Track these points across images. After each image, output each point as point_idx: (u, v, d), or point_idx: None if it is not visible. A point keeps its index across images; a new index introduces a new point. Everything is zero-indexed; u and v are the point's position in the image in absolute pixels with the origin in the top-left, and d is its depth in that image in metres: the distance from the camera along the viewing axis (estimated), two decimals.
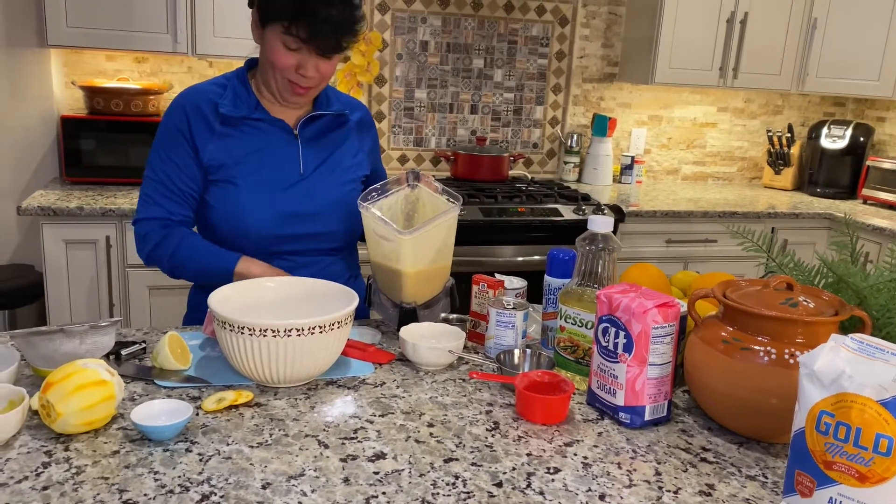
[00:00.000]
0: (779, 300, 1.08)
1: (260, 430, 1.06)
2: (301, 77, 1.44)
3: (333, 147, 1.59)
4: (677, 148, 3.83)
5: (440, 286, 1.47)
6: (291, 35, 1.39)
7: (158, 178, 1.49)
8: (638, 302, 1.09)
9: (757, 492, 0.97)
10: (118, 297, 2.62)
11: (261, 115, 1.51)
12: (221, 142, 1.49)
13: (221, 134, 1.49)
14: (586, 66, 3.58)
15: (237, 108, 1.50)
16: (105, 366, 1.06)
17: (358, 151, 1.63)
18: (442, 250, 1.42)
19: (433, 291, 1.45)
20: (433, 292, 1.46)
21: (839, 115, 3.99)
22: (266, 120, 1.52)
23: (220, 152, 1.49)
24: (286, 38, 1.40)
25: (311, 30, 1.38)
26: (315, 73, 1.44)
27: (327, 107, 1.58)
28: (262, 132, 1.52)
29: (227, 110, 1.48)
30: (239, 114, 1.49)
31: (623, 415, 1.12)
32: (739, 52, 3.33)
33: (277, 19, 1.39)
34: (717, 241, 3.19)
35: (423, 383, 1.25)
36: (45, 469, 0.94)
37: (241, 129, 1.51)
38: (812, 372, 0.86)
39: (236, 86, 1.52)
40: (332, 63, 1.46)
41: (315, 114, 1.55)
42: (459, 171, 3.31)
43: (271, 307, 1.33)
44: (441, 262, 1.44)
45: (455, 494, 0.92)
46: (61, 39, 2.61)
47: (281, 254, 1.53)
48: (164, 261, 1.49)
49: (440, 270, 1.45)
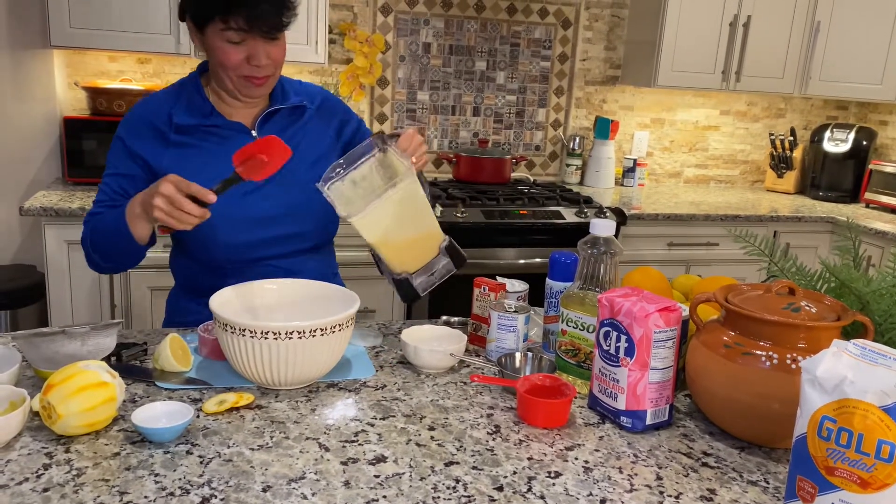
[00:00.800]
0: (781, 305, 1.08)
1: (261, 432, 1.06)
2: (255, 68, 1.40)
3: (296, 142, 1.52)
4: (679, 151, 3.83)
5: (430, 251, 1.36)
6: (232, 29, 1.35)
7: (108, 190, 1.47)
8: (640, 306, 1.09)
9: (758, 497, 0.97)
10: (119, 299, 2.62)
11: (216, 120, 1.48)
12: (178, 151, 1.46)
13: (178, 143, 1.46)
14: (589, 68, 3.58)
15: (191, 115, 1.46)
16: (106, 367, 1.06)
17: (322, 140, 1.58)
18: (414, 218, 1.32)
19: (423, 258, 1.36)
20: (423, 259, 1.36)
21: (842, 118, 3.99)
22: (222, 125, 1.48)
23: (177, 162, 1.45)
24: (227, 33, 1.36)
25: (249, 15, 1.34)
26: (267, 59, 1.40)
27: (283, 100, 1.53)
28: (219, 138, 1.48)
29: (181, 119, 1.45)
30: (194, 121, 1.46)
31: (624, 419, 1.12)
32: (742, 55, 3.33)
33: (213, 18, 1.36)
34: (718, 244, 3.18)
35: (425, 386, 1.25)
36: (46, 471, 0.94)
37: (197, 136, 1.47)
38: (814, 377, 0.86)
39: (189, 92, 1.49)
40: (281, 45, 1.43)
41: (271, 109, 1.51)
42: (461, 173, 3.31)
43: (272, 309, 1.33)
44: (418, 230, 1.34)
45: (456, 498, 0.92)
46: (64, 40, 2.61)
47: (257, 260, 1.49)
48: (91, 255, 1.45)
49: (421, 239, 1.35)
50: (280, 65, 1.46)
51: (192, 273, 1.57)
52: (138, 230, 1.34)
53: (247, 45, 1.38)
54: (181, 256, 1.58)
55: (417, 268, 1.36)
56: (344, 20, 3.22)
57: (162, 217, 1.24)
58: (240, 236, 1.47)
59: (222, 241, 1.46)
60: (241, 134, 1.50)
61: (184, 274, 1.60)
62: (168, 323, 1.61)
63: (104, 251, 1.43)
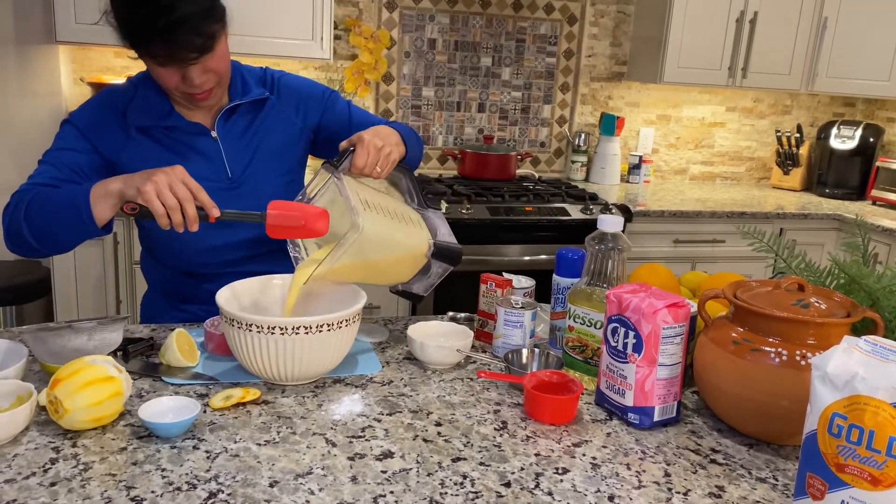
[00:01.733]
0: (790, 301, 1.07)
1: (267, 427, 1.06)
2: (193, 86, 1.31)
3: (260, 137, 1.46)
4: (685, 148, 3.81)
5: (416, 263, 1.32)
6: (155, 58, 1.26)
7: (56, 163, 1.35)
8: (648, 302, 1.08)
9: (767, 494, 0.96)
10: (125, 294, 2.62)
11: (174, 121, 1.39)
12: (138, 148, 1.39)
13: (136, 141, 1.39)
14: (594, 64, 3.57)
15: (147, 115, 1.38)
16: (113, 362, 1.06)
17: (288, 129, 1.50)
18: (384, 249, 1.25)
19: (411, 269, 1.33)
20: (412, 269, 1.33)
21: (849, 115, 3.97)
22: (180, 127, 1.40)
23: (137, 160, 1.37)
24: (155, 60, 1.27)
25: (165, 48, 1.23)
26: (203, 75, 1.31)
27: (244, 94, 1.44)
28: (178, 140, 1.41)
29: (136, 120, 1.38)
30: (150, 122, 1.38)
31: (632, 415, 1.12)
32: (749, 51, 3.32)
33: (135, 48, 1.27)
34: (724, 241, 3.17)
35: (431, 382, 1.25)
36: (53, 465, 0.94)
37: (155, 136, 1.40)
38: (825, 374, 0.85)
39: (145, 90, 1.39)
40: (217, 56, 1.31)
41: (230, 106, 1.43)
42: (466, 169, 3.30)
43: (279, 304, 1.32)
44: (395, 252, 1.28)
45: (463, 494, 0.92)
46: (70, 36, 2.61)
47: (231, 262, 1.46)
48: (21, 222, 1.26)
49: (399, 260, 1.30)
50: (224, 72, 1.36)
51: (166, 280, 1.54)
52: (101, 210, 1.21)
53: (176, 66, 1.28)
54: (153, 262, 1.54)
55: (410, 277, 1.36)
56: (349, 16, 3.21)
57: (154, 199, 1.13)
58: (209, 240, 1.42)
59: (191, 247, 1.41)
60: (201, 136, 1.43)
61: (159, 280, 1.57)
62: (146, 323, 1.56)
63: (43, 226, 1.26)
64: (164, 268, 1.52)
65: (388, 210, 1.29)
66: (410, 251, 1.31)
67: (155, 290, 1.60)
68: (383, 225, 1.25)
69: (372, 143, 1.27)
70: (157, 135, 1.41)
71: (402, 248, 1.29)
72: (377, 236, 1.22)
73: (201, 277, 1.49)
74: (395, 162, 1.33)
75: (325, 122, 1.55)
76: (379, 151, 1.28)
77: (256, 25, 2.73)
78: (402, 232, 1.29)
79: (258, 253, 1.49)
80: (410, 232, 1.31)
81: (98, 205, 1.21)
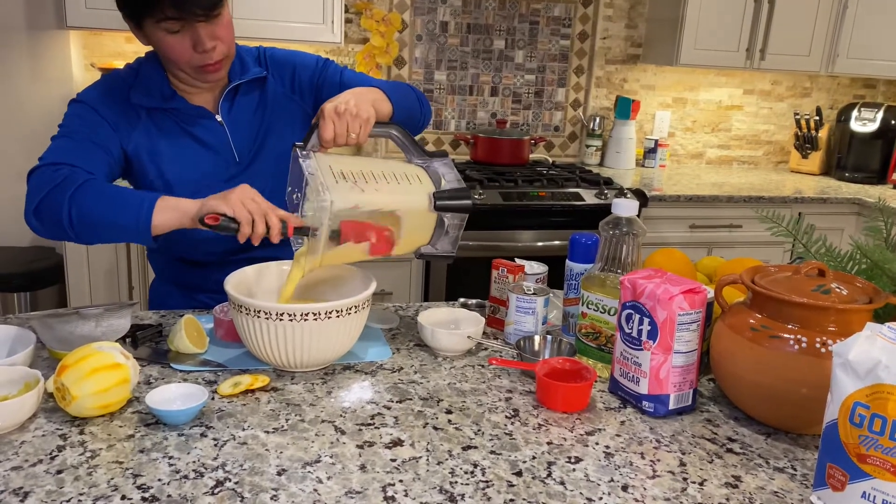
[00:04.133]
0: (810, 287, 1.04)
1: (276, 415, 1.05)
2: (204, 55, 1.30)
3: (264, 115, 1.45)
4: (702, 131, 3.76)
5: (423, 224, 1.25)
6: (167, 18, 1.24)
7: (66, 133, 1.32)
8: (663, 288, 1.06)
9: (786, 484, 0.94)
10: (137, 280, 2.62)
11: (177, 103, 1.38)
12: (150, 129, 1.38)
13: (145, 121, 1.38)
14: (609, 47, 3.52)
15: (149, 95, 1.37)
16: (120, 349, 1.05)
17: (290, 106, 1.48)
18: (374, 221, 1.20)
19: (422, 233, 1.27)
20: (422, 234, 1.27)
21: (870, 97, 3.89)
22: (184, 110, 1.39)
23: (147, 140, 1.37)
24: (164, 24, 1.25)
25: (175, 1, 1.23)
26: (213, 40, 1.29)
27: (242, 74, 1.42)
28: (184, 123, 1.40)
29: (139, 99, 1.36)
30: (152, 103, 1.37)
31: (646, 403, 1.09)
32: (767, 32, 3.25)
33: (144, 13, 1.25)
34: (742, 226, 3.13)
35: (442, 369, 1.23)
36: (60, 452, 0.93)
37: (159, 118, 1.38)
38: (846, 361, 0.83)
39: (148, 71, 1.38)
40: (224, 22, 1.31)
41: (231, 87, 1.41)
42: (479, 154, 3.27)
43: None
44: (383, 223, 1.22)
45: (474, 483, 0.90)
46: (80, 21, 2.60)
47: (237, 250, 1.43)
48: (63, 204, 1.20)
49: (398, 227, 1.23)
50: (231, 43, 1.35)
51: (173, 268, 1.53)
52: (161, 220, 1.20)
53: (188, 31, 1.27)
54: (159, 251, 1.53)
55: (428, 239, 1.29)
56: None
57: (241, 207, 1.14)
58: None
59: (196, 236, 1.34)
60: (205, 119, 1.41)
61: (166, 268, 1.56)
62: None
63: (90, 216, 1.22)
64: (171, 256, 1.51)
65: (373, 174, 1.21)
66: (411, 212, 1.23)
67: (162, 279, 1.59)
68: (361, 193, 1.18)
69: (334, 111, 1.22)
70: (161, 116, 1.39)
71: (399, 212, 1.21)
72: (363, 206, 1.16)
73: (208, 266, 1.48)
74: (369, 120, 1.24)
75: (321, 93, 1.50)
76: (343, 116, 1.21)
77: (266, 9, 2.70)
78: (393, 195, 1.21)
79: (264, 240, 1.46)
80: (405, 191, 1.22)
81: (161, 215, 1.19)
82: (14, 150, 2.89)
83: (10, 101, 2.86)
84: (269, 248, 1.41)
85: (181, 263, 1.51)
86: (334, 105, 1.22)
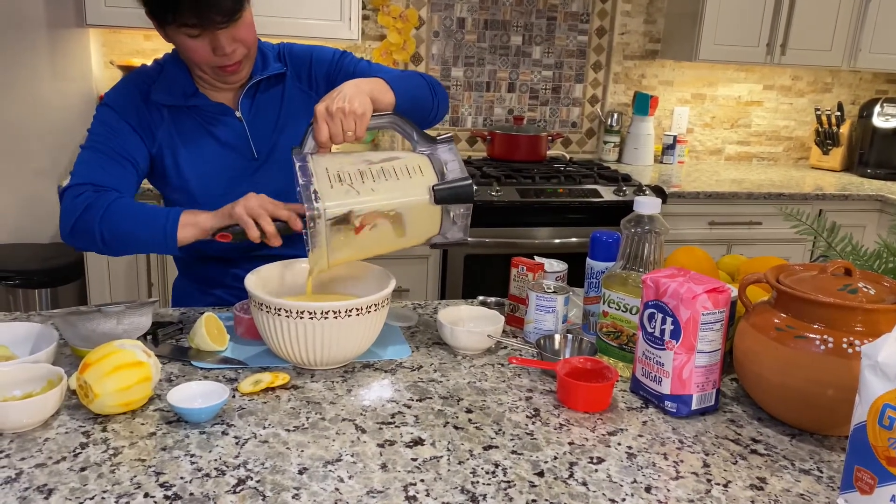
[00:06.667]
0: (836, 286, 1.03)
1: (296, 413, 1.05)
2: (224, 57, 1.31)
3: (282, 112, 1.45)
4: (721, 127, 3.72)
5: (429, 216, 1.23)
6: (188, 25, 1.26)
7: (94, 145, 1.37)
8: (687, 287, 1.05)
9: (812, 487, 0.93)
10: (157, 277, 2.64)
11: (198, 101, 1.39)
12: (171, 127, 1.40)
13: (167, 120, 1.40)
14: (627, 42, 3.49)
15: (171, 93, 1.38)
16: (142, 347, 1.05)
17: (306, 101, 1.47)
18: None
19: (429, 225, 1.25)
20: (430, 225, 1.25)
21: (892, 92, 3.84)
22: (204, 107, 1.40)
23: (169, 139, 1.40)
24: (185, 29, 1.27)
25: (196, 11, 1.23)
26: (233, 44, 1.30)
27: (263, 69, 1.43)
28: (204, 120, 1.41)
29: (160, 98, 1.38)
30: (173, 101, 1.38)
31: (669, 403, 1.08)
32: (788, 27, 3.21)
33: (165, 19, 1.27)
34: (761, 223, 3.10)
35: (461, 368, 1.23)
36: (83, 450, 0.93)
37: (180, 116, 1.40)
38: (875, 363, 0.81)
39: (171, 69, 1.40)
40: (246, 24, 1.31)
41: (252, 83, 1.42)
42: (496, 151, 3.26)
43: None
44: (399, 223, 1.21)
45: (495, 483, 0.90)
46: (100, 19, 2.61)
47: (257, 246, 1.38)
48: (94, 224, 1.29)
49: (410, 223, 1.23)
50: (252, 43, 1.36)
51: (194, 265, 1.55)
52: (185, 235, 1.27)
53: (207, 36, 1.28)
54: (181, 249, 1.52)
55: (437, 229, 1.26)
56: None
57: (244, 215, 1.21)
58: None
59: None
60: (225, 115, 1.42)
61: (187, 265, 1.57)
62: None
63: (121, 235, 1.30)
64: (192, 252, 1.51)
65: (371, 173, 1.19)
66: (411, 208, 1.21)
67: (184, 276, 1.60)
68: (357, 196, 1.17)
69: (325, 111, 1.20)
70: (182, 114, 1.41)
71: (399, 210, 1.20)
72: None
73: (228, 262, 1.48)
74: (364, 115, 1.21)
75: (335, 86, 1.41)
76: (335, 116, 1.19)
77: (284, 6, 2.70)
78: (391, 192, 1.19)
79: (287, 236, 1.46)
80: (404, 187, 1.20)
81: (183, 230, 1.27)
82: (35, 148, 2.91)
83: (31, 99, 2.88)
84: (292, 247, 1.41)
85: (203, 259, 1.52)
86: (325, 105, 1.21)
